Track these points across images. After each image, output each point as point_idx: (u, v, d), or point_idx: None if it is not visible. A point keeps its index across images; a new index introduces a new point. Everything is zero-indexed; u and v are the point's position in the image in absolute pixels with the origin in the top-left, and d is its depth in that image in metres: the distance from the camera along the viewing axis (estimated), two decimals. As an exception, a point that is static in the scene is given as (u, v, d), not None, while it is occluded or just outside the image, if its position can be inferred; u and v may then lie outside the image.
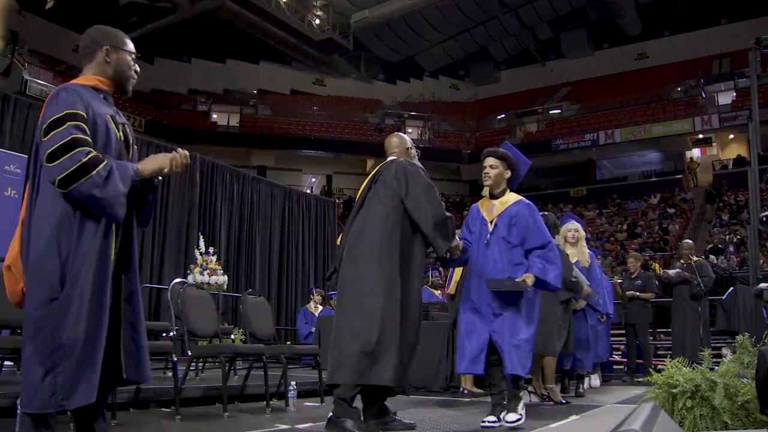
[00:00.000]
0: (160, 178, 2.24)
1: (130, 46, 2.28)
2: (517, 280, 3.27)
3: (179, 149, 2.23)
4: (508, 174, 3.53)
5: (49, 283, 1.95)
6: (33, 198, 2.06)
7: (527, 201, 3.52)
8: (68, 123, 2.00)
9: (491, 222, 3.46)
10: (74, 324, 1.92)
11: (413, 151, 3.48)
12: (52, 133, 1.99)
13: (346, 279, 3.12)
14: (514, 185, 3.60)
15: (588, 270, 5.32)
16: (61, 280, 1.95)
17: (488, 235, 3.44)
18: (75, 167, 1.96)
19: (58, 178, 1.96)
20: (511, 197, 3.52)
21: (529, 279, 3.28)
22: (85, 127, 2.04)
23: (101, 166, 2.00)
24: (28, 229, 2.04)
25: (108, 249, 2.05)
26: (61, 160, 1.97)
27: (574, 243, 5.30)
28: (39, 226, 2.01)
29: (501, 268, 3.36)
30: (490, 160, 3.51)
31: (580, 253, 5.31)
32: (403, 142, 3.47)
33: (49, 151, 1.98)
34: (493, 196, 3.55)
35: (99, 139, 2.09)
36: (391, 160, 3.29)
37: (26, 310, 1.97)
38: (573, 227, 5.36)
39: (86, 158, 1.98)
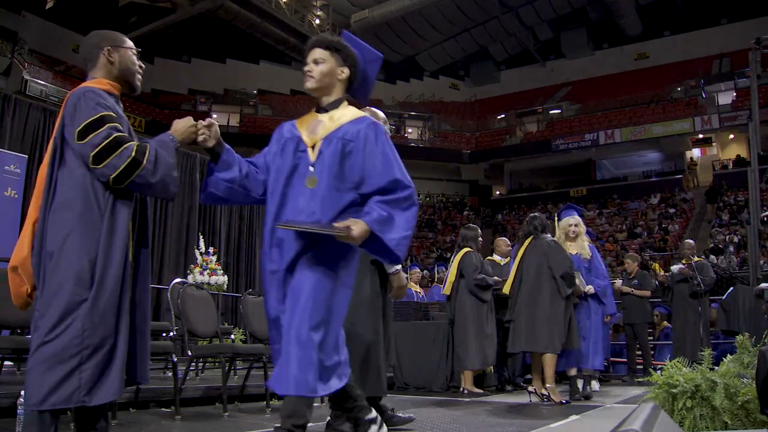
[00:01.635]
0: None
1: (130, 43, 2.29)
2: (336, 224, 2.04)
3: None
4: (344, 73, 2.28)
5: (78, 285, 1.94)
6: (49, 199, 2.04)
7: (374, 120, 2.28)
8: (107, 124, 2.02)
9: (313, 147, 2.21)
10: (104, 324, 1.94)
11: (385, 128, 2.95)
12: (91, 135, 2.00)
13: None
14: (361, 97, 2.39)
15: (590, 261, 5.21)
16: (90, 281, 1.95)
17: (309, 168, 2.18)
18: (126, 164, 1.99)
19: (112, 177, 1.99)
20: (350, 112, 2.28)
21: (357, 226, 2.02)
22: (120, 126, 2.07)
23: (147, 153, 2.04)
24: (43, 231, 2.02)
25: (126, 251, 2.06)
26: (108, 160, 1.99)
27: (575, 238, 5.20)
28: (61, 228, 1.99)
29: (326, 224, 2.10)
30: (316, 52, 2.25)
31: (580, 247, 5.21)
32: (373, 117, 2.89)
33: (93, 153, 1.99)
34: (321, 109, 2.30)
35: None
36: None
37: (51, 311, 1.93)
38: (574, 222, 5.22)
39: (133, 153, 2.01)
